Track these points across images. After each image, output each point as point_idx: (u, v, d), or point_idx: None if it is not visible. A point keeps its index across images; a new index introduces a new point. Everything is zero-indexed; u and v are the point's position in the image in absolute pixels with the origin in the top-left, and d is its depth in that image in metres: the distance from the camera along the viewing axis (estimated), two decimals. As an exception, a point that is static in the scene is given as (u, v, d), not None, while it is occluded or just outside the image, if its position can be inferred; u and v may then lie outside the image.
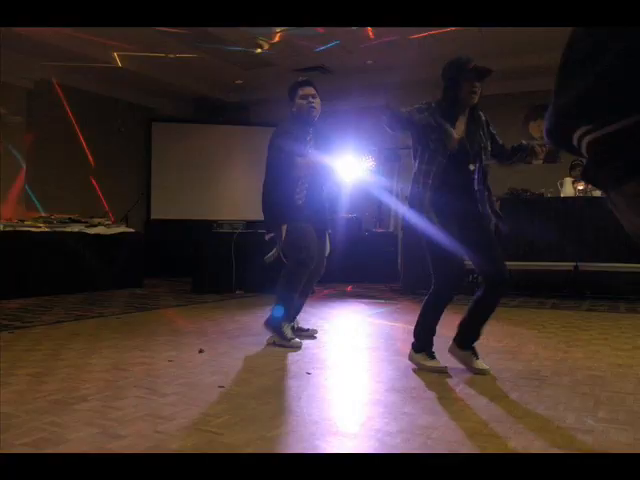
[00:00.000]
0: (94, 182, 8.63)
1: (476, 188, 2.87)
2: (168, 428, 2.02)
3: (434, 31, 6.76)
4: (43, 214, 7.34)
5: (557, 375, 2.86)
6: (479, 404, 2.36)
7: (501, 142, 2.99)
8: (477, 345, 2.94)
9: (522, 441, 1.92)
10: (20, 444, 1.85)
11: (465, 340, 2.93)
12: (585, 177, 1.10)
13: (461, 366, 2.94)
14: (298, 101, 3.68)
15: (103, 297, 6.21)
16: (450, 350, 2.99)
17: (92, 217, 7.36)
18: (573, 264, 6.23)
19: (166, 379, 2.72)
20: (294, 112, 3.72)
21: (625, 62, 0.95)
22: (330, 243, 3.95)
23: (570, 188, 6.81)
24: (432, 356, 2.93)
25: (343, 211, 8.66)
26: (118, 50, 7.52)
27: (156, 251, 9.12)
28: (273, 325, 3.60)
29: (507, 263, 2.90)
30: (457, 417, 2.17)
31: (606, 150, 1.02)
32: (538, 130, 8.14)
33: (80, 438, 1.91)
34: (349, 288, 7.50)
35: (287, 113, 3.81)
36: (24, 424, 2.05)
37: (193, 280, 6.93)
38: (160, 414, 2.18)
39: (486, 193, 2.90)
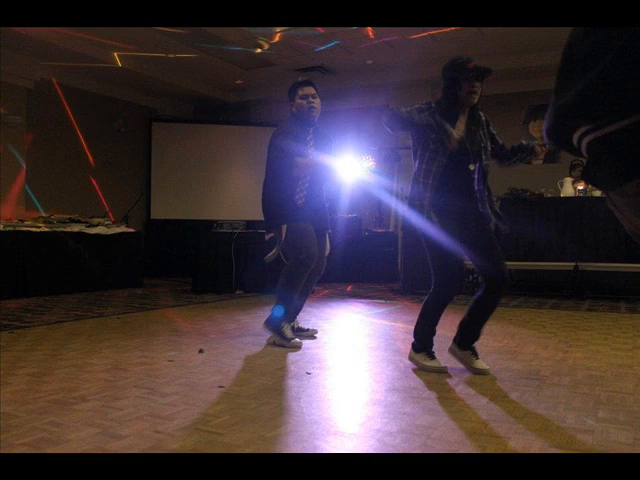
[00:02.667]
0: (94, 182, 8.64)
1: (476, 188, 2.87)
2: (168, 428, 2.02)
3: (434, 31, 6.76)
4: (43, 214, 7.35)
5: (557, 375, 2.86)
6: (479, 404, 2.36)
7: (501, 142, 2.99)
8: (477, 345, 2.94)
9: (522, 441, 1.92)
10: (20, 444, 1.85)
11: (465, 340, 2.93)
12: (585, 177, 1.10)
13: (461, 366, 2.94)
14: (298, 101, 3.68)
15: (103, 297, 6.21)
16: (450, 350, 2.99)
17: (92, 217, 7.37)
18: (573, 264, 6.24)
19: (166, 379, 2.72)
20: (294, 112, 3.72)
21: (625, 62, 0.95)
22: (330, 243, 3.95)
23: (570, 188, 6.81)
24: (432, 356, 2.93)
25: (343, 211, 8.67)
26: (118, 50, 7.52)
27: (156, 251, 9.14)
28: (273, 325, 3.60)
29: (507, 263, 2.90)
30: (457, 417, 2.17)
31: (606, 150, 1.02)
32: (538, 130, 8.14)
33: (80, 438, 1.91)
34: (349, 288, 7.51)
35: (287, 113, 3.81)
36: (24, 424, 2.05)
37: (193, 280, 6.93)
38: (160, 414, 2.18)
39: (486, 193, 2.90)
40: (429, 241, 2.79)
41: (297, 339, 3.59)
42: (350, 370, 3.04)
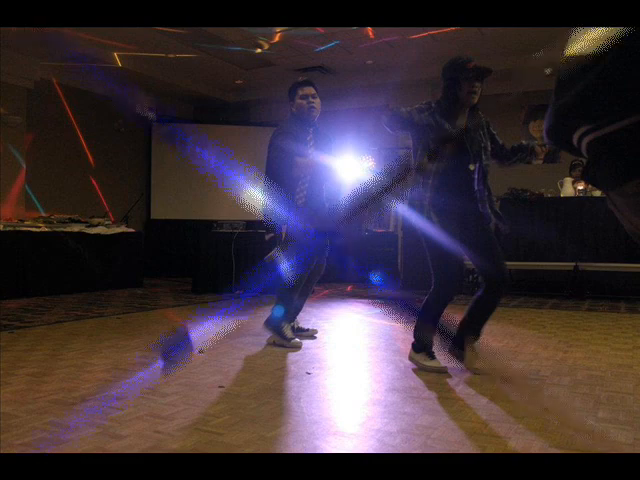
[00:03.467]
0: (94, 182, 8.63)
1: (476, 188, 2.87)
2: (168, 428, 2.02)
3: (434, 31, 6.75)
4: (43, 214, 7.35)
5: (557, 375, 2.86)
6: (479, 404, 2.36)
7: (501, 142, 2.99)
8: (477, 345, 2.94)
9: (522, 441, 1.92)
10: (20, 444, 1.85)
11: (465, 340, 2.92)
12: (585, 177, 1.10)
13: (461, 366, 2.94)
14: (298, 101, 3.68)
15: (103, 297, 6.21)
16: (450, 350, 2.99)
17: (92, 217, 7.36)
18: (573, 264, 6.24)
19: (166, 379, 2.72)
20: (294, 112, 3.72)
21: (625, 62, 0.95)
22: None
23: (570, 188, 6.81)
24: (432, 356, 2.93)
25: (343, 211, 8.65)
26: (118, 50, 7.52)
27: (156, 251, 9.14)
28: (273, 325, 3.60)
29: (507, 263, 2.90)
30: (457, 417, 2.17)
31: (606, 150, 1.02)
32: (538, 130, 8.14)
33: (80, 438, 1.91)
34: (349, 288, 7.50)
35: (287, 113, 3.81)
36: (24, 424, 2.05)
37: (193, 280, 6.93)
38: (160, 414, 2.18)
39: (486, 193, 2.90)
40: (429, 241, 2.79)
41: (297, 339, 3.59)
42: (350, 370, 3.04)
